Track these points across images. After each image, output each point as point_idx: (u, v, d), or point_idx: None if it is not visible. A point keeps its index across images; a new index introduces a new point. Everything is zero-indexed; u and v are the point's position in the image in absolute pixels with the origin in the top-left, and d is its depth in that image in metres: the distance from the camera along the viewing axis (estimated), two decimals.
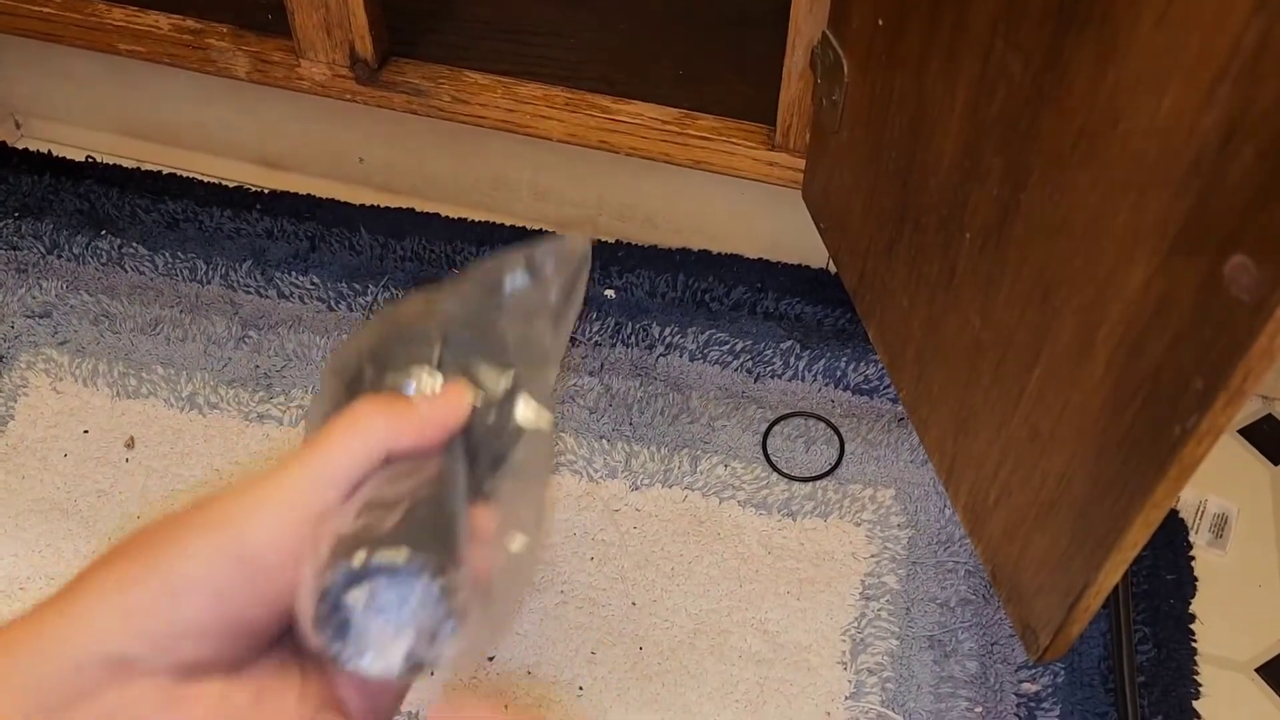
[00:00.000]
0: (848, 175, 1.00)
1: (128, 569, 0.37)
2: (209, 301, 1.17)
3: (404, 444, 0.41)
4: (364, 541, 0.38)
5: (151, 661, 0.36)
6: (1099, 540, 0.73)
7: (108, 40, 1.17)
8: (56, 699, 0.35)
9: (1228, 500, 1.06)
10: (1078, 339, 0.71)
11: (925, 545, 1.00)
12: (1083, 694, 0.92)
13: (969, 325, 0.85)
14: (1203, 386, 0.59)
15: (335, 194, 1.28)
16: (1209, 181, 0.56)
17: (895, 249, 0.95)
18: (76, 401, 1.08)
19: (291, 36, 1.11)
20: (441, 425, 0.43)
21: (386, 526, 0.38)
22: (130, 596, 0.36)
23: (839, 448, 1.07)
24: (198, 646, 0.37)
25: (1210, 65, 0.54)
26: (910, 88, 0.85)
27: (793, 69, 1.02)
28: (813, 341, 1.13)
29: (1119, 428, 0.68)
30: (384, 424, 0.41)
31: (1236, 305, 0.55)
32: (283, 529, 0.38)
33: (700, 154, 1.10)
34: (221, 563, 0.37)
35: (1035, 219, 0.73)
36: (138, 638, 0.36)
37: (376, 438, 0.41)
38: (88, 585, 0.37)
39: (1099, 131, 0.64)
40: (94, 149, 1.34)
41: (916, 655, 0.94)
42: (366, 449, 0.40)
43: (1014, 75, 0.71)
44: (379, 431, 0.41)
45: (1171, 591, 0.99)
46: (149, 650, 0.36)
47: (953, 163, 0.81)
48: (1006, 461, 0.85)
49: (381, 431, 0.41)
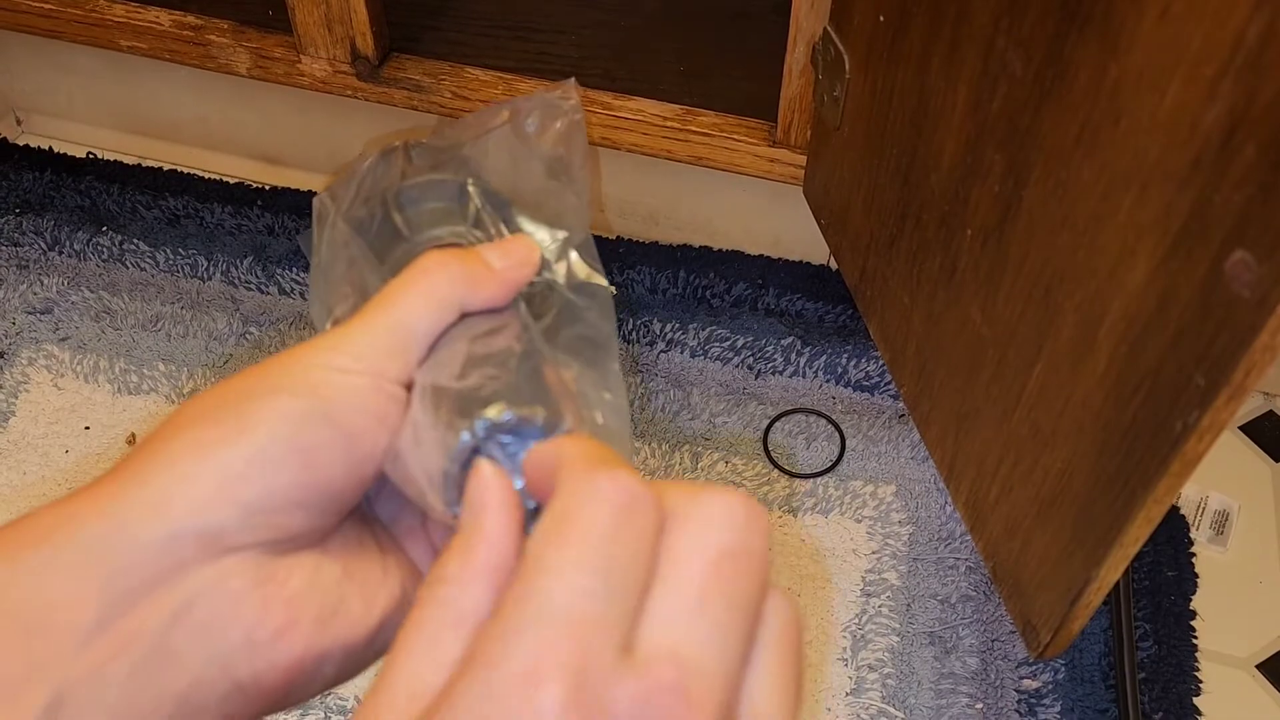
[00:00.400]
0: (849, 172, 1.00)
1: (216, 430, 0.33)
2: (210, 298, 1.17)
3: (478, 299, 0.38)
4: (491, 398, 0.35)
5: (242, 536, 0.32)
6: (1100, 536, 0.73)
7: (109, 36, 1.17)
8: (140, 580, 0.31)
9: (1229, 497, 1.06)
10: (1079, 335, 0.71)
11: (926, 541, 1.00)
12: (1083, 690, 0.92)
13: (970, 321, 0.85)
14: (1204, 382, 0.59)
15: None
16: (1211, 177, 0.56)
17: (896, 245, 0.95)
18: (78, 398, 1.08)
19: (292, 33, 1.11)
20: (513, 279, 0.40)
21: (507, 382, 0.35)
22: (224, 460, 0.32)
23: (840, 444, 1.07)
24: (288, 518, 0.33)
25: (1212, 61, 0.54)
26: (912, 84, 0.85)
27: (794, 65, 1.02)
28: (814, 338, 1.13)
29: (1120, 424, 0.68)
30: (457, 277, 0.38)
31: (1238, 301, 0.55)
32: (366, 390, 0.35)
33: (701, 150, 1.10)
34: (312, 425, 0.34)
35: (1037, 215, 0.72)
36: (231, 507, 0.32)
37: (451, 292, 0.38)
38: (172, 447, 0.33)
39: (1101, 127, 0.64)
40: (95, 145, 1.34)
41: (917, 651, 0.94)
42: (440, 303, 0.37)
43: (1016, 71, 0.71)
44: (453, 285, 0.38)
45: (1172, 588, 0.99)
46: (241, 522, 0.32)
47: (954, 159, 0.81)
48: (1008, 458, 0.85)
49: (456, 285, 0.38)
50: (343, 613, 0.35)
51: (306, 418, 0.33)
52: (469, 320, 0.38)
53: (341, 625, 0.34)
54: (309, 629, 0.33)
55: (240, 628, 0.32)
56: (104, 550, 0.31)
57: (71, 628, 0.30)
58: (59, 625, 0.30)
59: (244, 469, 0.32)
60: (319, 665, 0.34)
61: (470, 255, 0.39)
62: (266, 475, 0.33)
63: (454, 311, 0.38)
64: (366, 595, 0.36)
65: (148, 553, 0.31)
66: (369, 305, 0.37)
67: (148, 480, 0.32)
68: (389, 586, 0.37)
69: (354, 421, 0.34)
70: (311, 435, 0.33)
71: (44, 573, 0.31)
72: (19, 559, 0.31)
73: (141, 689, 0.31)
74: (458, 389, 0.35)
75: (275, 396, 0.34)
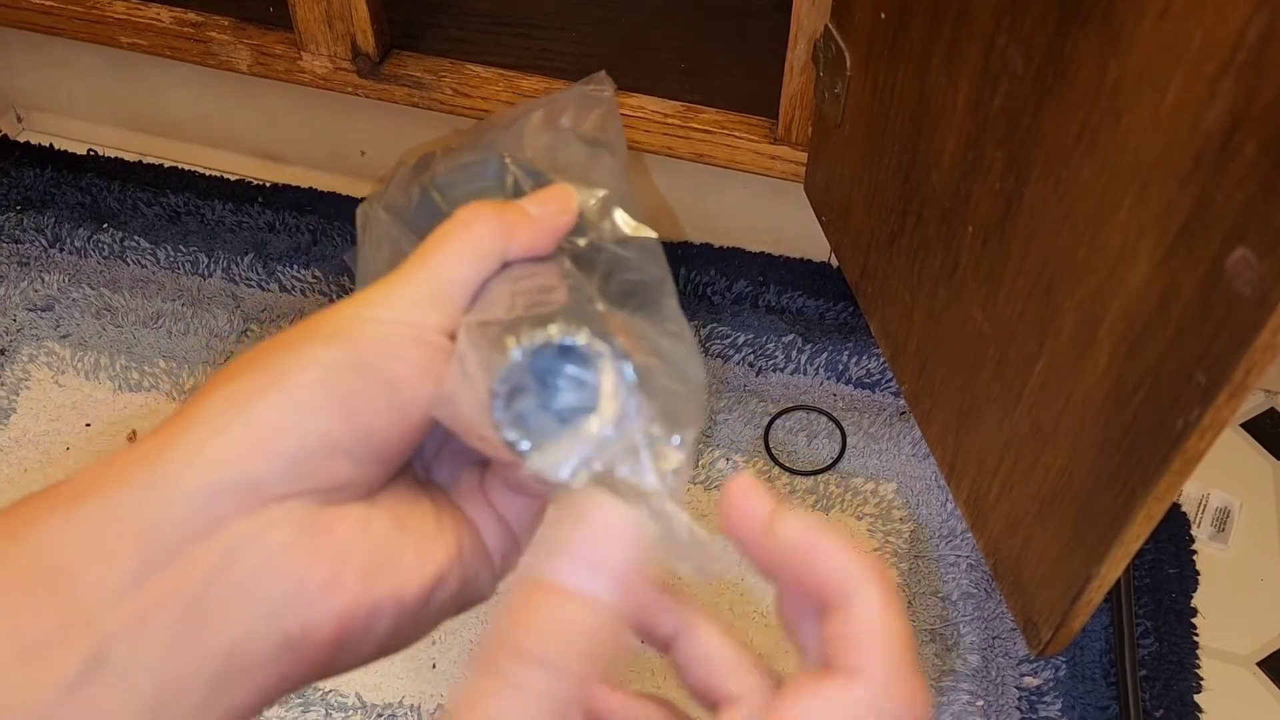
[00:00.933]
0: (850, 169, 1.00)
1: (249, 383, 0.33)
2: (211, 295, 1.17)
3: (519, 246, 0.38)
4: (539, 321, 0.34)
5: (285, 486, 0.32)
6: (1101, 534, 0.73)
7: (109, 33, 1.17)
8: (180, 534, 0.31)
9: (1230, 494, 1.06)
10: (1080, 332, 0.71)
11: (927, 539, 1.00)
12: (1084, 688, 0.92)
13: (971, 319, 0.85)
14: (1205, 380, 0.59)
15: (337, 187, 1.28)
16: (1212, 176, 0.56)
17: (897, 243, 0.95)
18: (79, 395, 1.08)
19: (293, 29, 1.11)
20: (553, 226, 0.39)
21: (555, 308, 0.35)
22: (257, 411, 0.32)
23: (841, 442, 1.07)
24: (332, 467, 0.33)
25: (1213, 59, 0.54)
26: (913, 81, 0.85)
27: (795, 62, 1.02)
28: (815, 335, 1.13)
29: (1121, 421, 0.68)
30: (496, 225, 0.38)
31: (1239, 299, 0.55)
32: (406, 339, 0.35)
33: (703, 147, 1.10)
34: (350, 372, 0.33)
35: (1038, 213, 0.72)
36: (269, 457, 0.32)
37: (491, 241, 0.37)
38: (205, 405, 0.33)
39: (1102, 125, 0.64)
40: (96, 142, 1.33)
41: (919, 649, 0.94)
42: (481, 253, 0.37)
43: (1017, 69, 0.71)
44: (493, 234, 0.38)
45: (1173, 585, 0.99)
46: (282, 473, 0.32)
47: (955, 156, 0.81)
48: (1009, 455, 0.85)
49: (495, 233, 0.38)
50: (394, 565, 0.34)
51: (345, 366, 0.34)
52: (511, 269, 0.38)
53: (393, 577, 0.34)
54: (358, 580, 0.33)
55: (285, 579, 0.32)
56: (141, 505, 0.31)
57: (108, 582, 0.30)
58: (94, 580, 0.30)
59: (281, 418, 0.32)
60: (370, 619, 0.33)
61: (507, 205, 0.39)
62: (305, 423, 0.32)
63: (494, 260, 0.38)
64: (420, 549, 0.35)
65: (186, 505, 0.31)
66: (408, 260, 0.37)
67: (184, 436, 0.32)
68: (444, 542, 0.36)
69: (394, 369, 0.34)
70: (350, 383, 0.33)
71: (79, 529, 0.30)
72: (54, 517, 0.31)
73: (184, 645, 0.30)
74: (505, 320, 0.35)
75: (311, 346, 0.34)
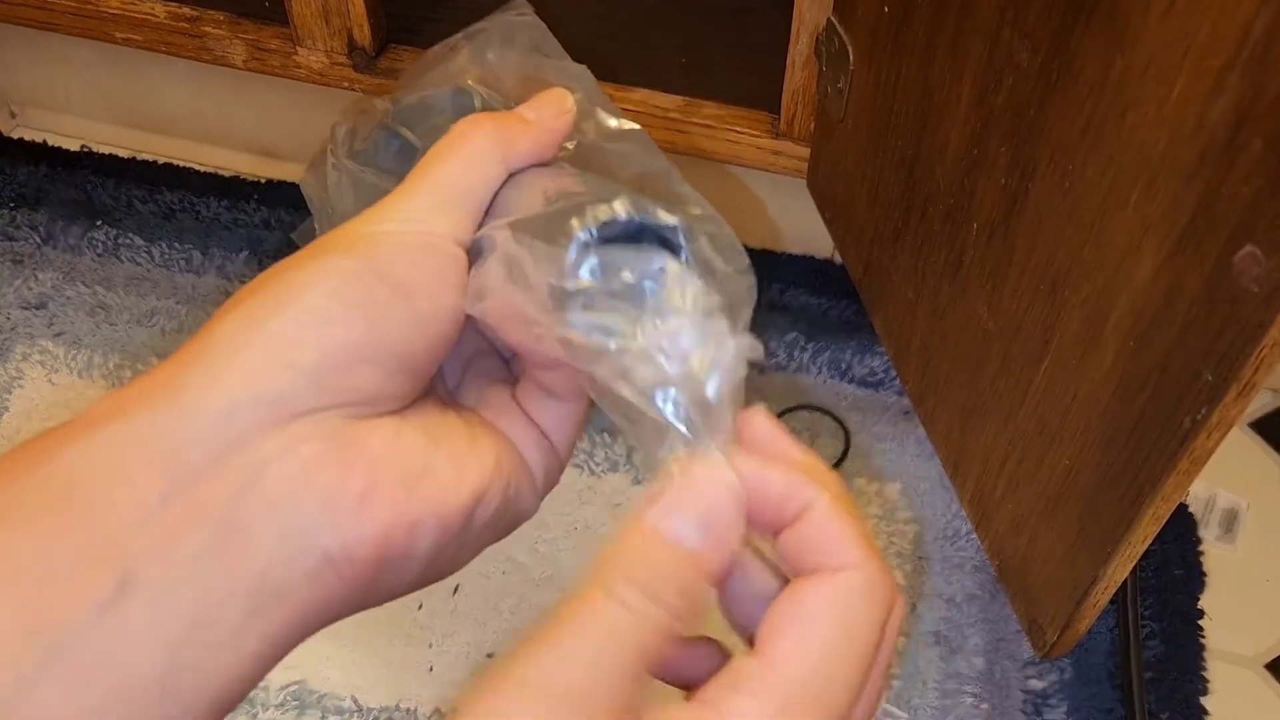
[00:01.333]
0: (853, 164, 1.00)
1: (263, 301, 0.32)
2: (205, 293, 1.16)
3: (521, 152, 0.37)
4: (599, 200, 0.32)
5: (310, 401, 0.31)
6: (1107, 534, 0.72)
7: (104, 28, 1.16)
8: (204, 454, 0.30)
9: (1238, 494, 1.05)
10: (1086, 330, 0.70)
11: (931, 540, 0.99)
12: (1090, 690, 0.91)
13: (976, 316, 0.84)
14: (1212, 378, 0.58)
15: None
16: (1218, 171, 0.55)
17: (901, 239, 0.94)
18: (72, 393, 1.08)
19: (289, 24, 1.10)
20: (553, 128, 0.38)
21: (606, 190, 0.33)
22: (274, 324, 0.32)
23: (844, 441, 1.06)
24: (356, 379, 0.32)
25: (1219, 54, 0.53)
26: (916, 75, 0.84)
27: (797, 56, 1.01)
28: (817, 333, 1.12)
29: (1127, 420, 0.68)
30: (496, 134, 0.37)
31: (1246, 296, 0.55)
32: (417, 247, 0.34)
33: (704, 142, 1.09)
34: (365, 282, 0.33)
35: (1043, 208, 0.72)
36: (290, 371, 0.31)
37: (492, 149, 0.37)
38: (220, 327, 0.32)
39: (1107, 120, 0.63)
40: (90, 138, 1.33)
41: (922, 652, 0.93)
42: (483, 161, 0.36)
43: (1021, 63, 0.70)
44: (493, 142, 0.37)
45: (1180, 587, 0.98)
46: (305, 386, 0.31)
47: (959, 151, 0.81)
48: (1013, 454, 0.84)
49: (496, 142, 0.37)
50: (431, 476, 0.33)
51: (359, 275, 0.33)
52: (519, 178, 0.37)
53: (431, 490, 0.33)
54: (395, 492, 0.32)
55: (318, 493, 0.31)
56: (162, 427, 0.30)
57: (133, 505, 0.30)
58: (119, 503, 0.29)
59: (299, 332, 0.32)
60: (411, 537, 0.32)
61: (504, 113, 0.38)
62: (324, 335, 0.32)
63: (498, 168, 0.37)
64: (456, 464, 0.34)
65: (209, 425, 0.30)
66: (409, 175, 0.36)
67: (202, 358, 0.32)
68: (479, 456, 0.35)
69: (409, 277, 0.34)
70: (365, 292, 0.33)
71: (100, 454, 0.30)
72: (74, 444, 0.30)
73: (215, 566, 0.30)
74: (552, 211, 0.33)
75: (323, 259, 0.33)
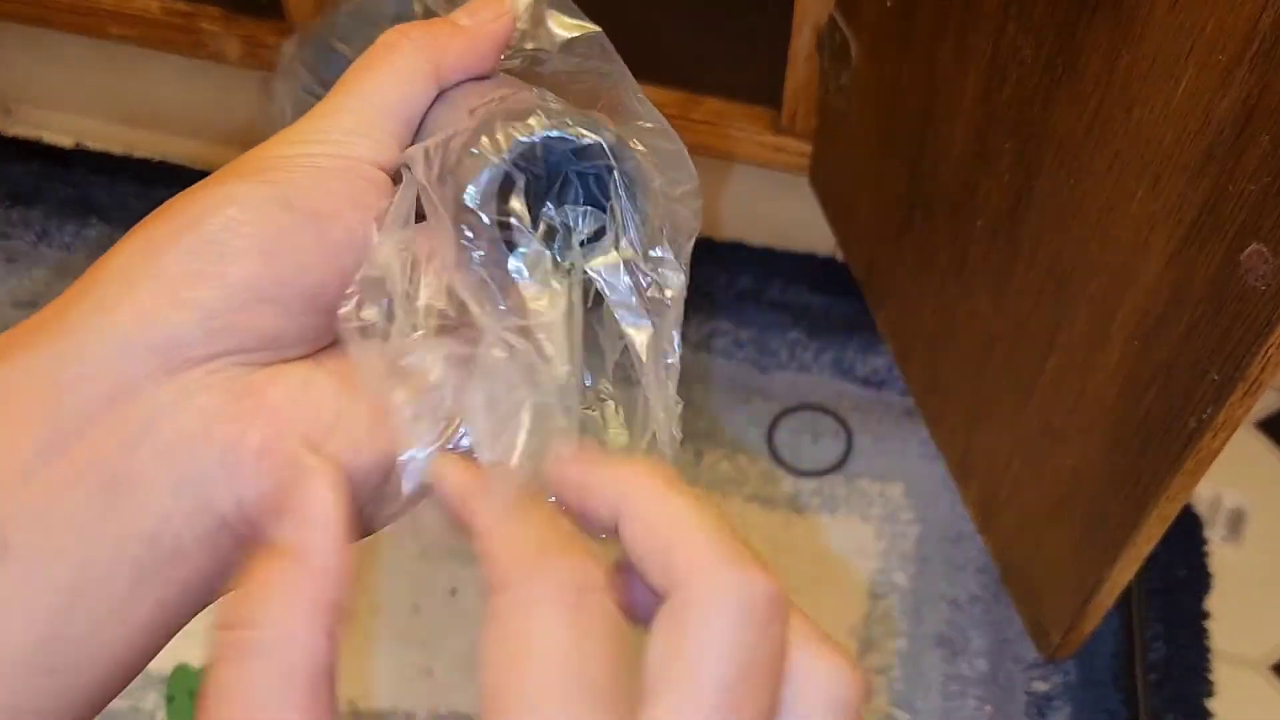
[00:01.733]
0: (856, 160, 0.99)
1: (161, 228, 0.29)
2: None
3: (453, 61, 0.34)
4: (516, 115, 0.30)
5: (207, 346, 0.29)
6: (1112, 536, 0.72)
7: (98, 24, 1.16)
8: (91, 400, 0.27)
9: (1244, 495, 1.05)
10: (1091, 328, 0.70)
11: (935, 541, 0.99)
12: (1094, 692, 0.91)
13: (980, 314, 0.84)
14: (1219, 377, 0.58)
15: None
16: (1225, 168, 0.55)
17: (905, 236, 0.94)
18: None
19: (285, 18, 1.10)
20: (490, 33, 0.35)
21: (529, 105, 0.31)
22: (168, 258, 0.29)
23: (847, 441, 1.05)
24: (257, 319, 0.29)
25: (1226, 49, 0.53)
26: (920, 71, 0.84)
27: (799, 52, 1.01)
28: (820, 332, 1.12)
29: (1133, 420, 0.68)
30: (423, 42, 0.34)
31: (1253, 294, 0.55)
32: (331, 172, 0.31)
33: (704, 138, 1.08)
34: (270, 210, 0.30)
35: (1048, 205, 0.72)
36: (185, 310, 0.28)
37: (419, 59, 0.33)
38: (115, 258, 0.29)
39: (1113, 116, 0.63)
40: (84, 135, 1.32)
41: (925, 654, 0.93)
42: (409, 74, 0.33)
43: (1026, 58, 0.70)
44: (420, 51, 0.33)
45: (1185, 588, 0.98)
46: (202, 328, 0.28)
47: (964, 148, 0.80)
48: (1018, 455, 0.84)
49: (423, 51, 0.33)
50: (342, 431, 0.30)
51: (264, 203, 0.30)
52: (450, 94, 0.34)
53: (341, 445, 0.30)
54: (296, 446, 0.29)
55: (213, 449, 0.28)
56: (45, 370, 0.28)
57: (11, 459, 0.27)
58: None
59: (194, 265, 0.29)
60: None
61: (434, 20, 0.35)
62: (223, 269, 0.29)
63: (427, 82, 0.34)
64: (375, 415, 0.31)
65: (96, 368, 0.28)
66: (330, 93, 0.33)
67: (92, 293, 0.29)
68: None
69: (320, 204, 0.31)
70: (270, 221, 0.30)
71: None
72: None
73: (103, 527, 0.27)
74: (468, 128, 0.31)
75: (227, 184, 0.30)
